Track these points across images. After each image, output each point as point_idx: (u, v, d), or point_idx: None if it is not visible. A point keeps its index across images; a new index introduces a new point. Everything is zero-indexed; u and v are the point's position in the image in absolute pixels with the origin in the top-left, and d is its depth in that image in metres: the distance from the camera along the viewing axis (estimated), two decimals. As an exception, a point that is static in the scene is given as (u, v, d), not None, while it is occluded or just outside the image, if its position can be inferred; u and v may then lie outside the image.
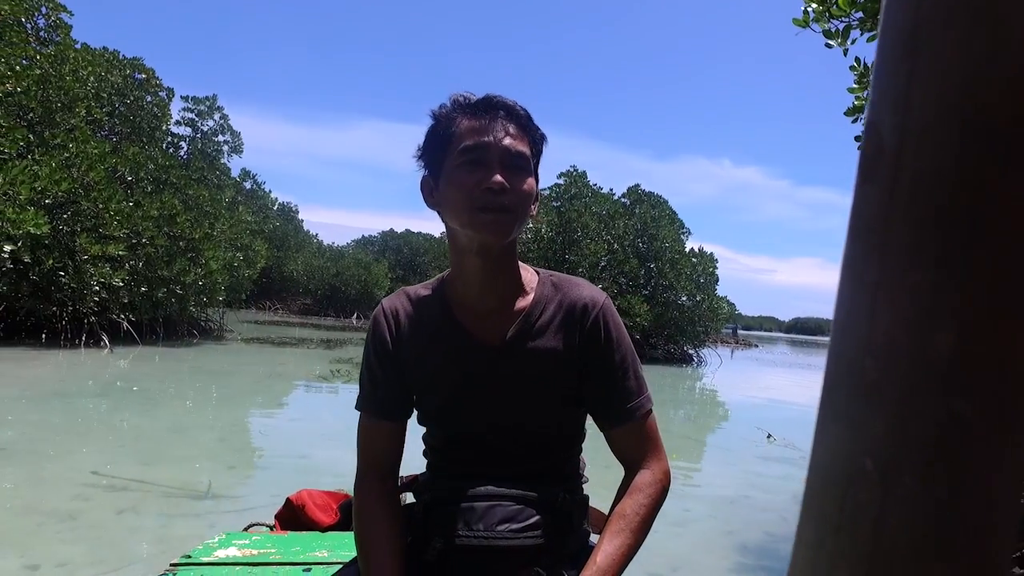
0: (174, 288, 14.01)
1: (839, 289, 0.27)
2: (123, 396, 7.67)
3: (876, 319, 0.25)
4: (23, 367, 9.42)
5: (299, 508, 1.92)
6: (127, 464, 4.63)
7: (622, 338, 1.16)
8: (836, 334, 0.27)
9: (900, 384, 0.24)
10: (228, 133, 19.80)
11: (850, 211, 0.27)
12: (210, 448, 5.38)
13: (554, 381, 1.13)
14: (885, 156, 0.25)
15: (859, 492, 0.25)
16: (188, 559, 1.57)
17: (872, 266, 0.25)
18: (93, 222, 12.49)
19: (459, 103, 1.11)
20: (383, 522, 1.11)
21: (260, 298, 32.44)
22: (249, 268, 17.79)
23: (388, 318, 1.19)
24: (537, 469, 1.16)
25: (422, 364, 1.16)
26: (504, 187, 1.03)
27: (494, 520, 1.05)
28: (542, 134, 1.13)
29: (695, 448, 7.38)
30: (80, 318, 13.05)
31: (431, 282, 1.23)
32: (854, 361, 0.25)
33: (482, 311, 1.15)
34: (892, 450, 0.24)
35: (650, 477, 1.13)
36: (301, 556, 1.63)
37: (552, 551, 1.08)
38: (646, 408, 1.15)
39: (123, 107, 15.56)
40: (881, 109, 0.25)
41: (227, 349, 14.55)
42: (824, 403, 0.27)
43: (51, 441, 5.20)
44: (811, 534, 0.27)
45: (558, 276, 1.21)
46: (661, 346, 21.32)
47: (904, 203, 0.24)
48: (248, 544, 1.69)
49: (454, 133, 1.08)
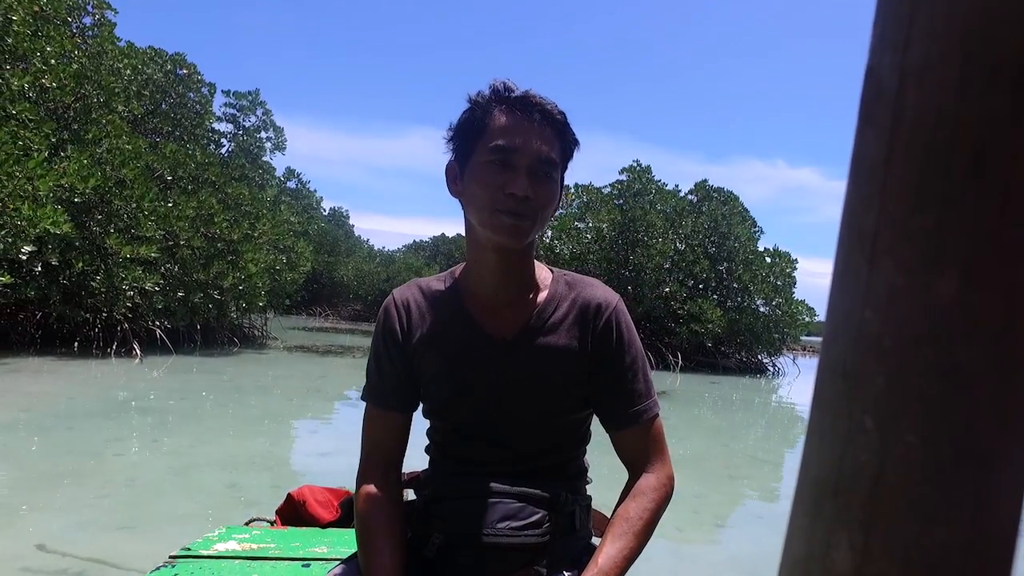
0: (211, 293, 13.07)
1: (838, 240, 0.26)
2: (131, 420, 6.92)
3: (876, 268, 0.24)
4: (37, 380, 9.02)
5: (300, 504, 1.94)
6: (95, 531, 3.67)
7: (633, 340, 1.19)
8: (835, 286, 0.26)
9: (901, 335, 0.24)
10: (271, 129, 18.95)
11: (850, 159, 0.26)
12: (215, 500, 4.49)
13: (563, 379, 1.15)
14: (885, 97, 0.25)
15: (858, 452, 0.25)
16: (187, 552, 1.59)
17: (872, 213, 0.25)
18: (126, 222, 11.52)
19: (498, 93, 1.12)
20: (384, 513, 1.12)
21: (311, 304, 31.99)
22: (292, 271, 16.74)
23: (399, 308, 1.21)
24: (541, 467, 1.18)
25: (430, 356, 1.17)
26: (528, 196, 1.05)
27: (495, 517, 1.06)
28: (575, 139, 1.15)
29: (771, 473, 6.80)
30: (114, 325, 12.11)
31: (444, 274, 1.25)
32: (853, 312, 0.25)
33: (494, 305, 1.17)
34: (892, 406, 0.24)
35: (655, 481, 1.14)
36: (301, 551, 1.64)
37: (553, 550, 1.09)
38: (653, 412, 1.18)
39: (166, 105, 14.77)
40: (881, 52, 0.25)
41: (267, 359, 13.64)
42: (823, 359, 0.27)
43: (11, 489, 4.28)
44: (808, 499, 0.26)
45: (572, 275, 1.23)
46: (734, 355, 19.51)
47: (905, 144, 0.24)
48: (248, 538, 1.71)
49: (487, 126, 1.09)
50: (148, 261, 12.29)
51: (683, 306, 18.71)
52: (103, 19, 13.58)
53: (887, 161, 0.24)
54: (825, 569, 0.25)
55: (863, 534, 0.24)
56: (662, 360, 18.36)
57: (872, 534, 0.24)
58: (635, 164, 19.98)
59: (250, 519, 1.99)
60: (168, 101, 16.02)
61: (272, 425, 7.29)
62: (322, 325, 26.71)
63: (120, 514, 3.94)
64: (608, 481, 1.41)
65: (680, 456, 7.60)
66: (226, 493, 4.62)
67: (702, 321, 18.07)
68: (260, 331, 17.74)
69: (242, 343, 16.15)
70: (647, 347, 19.19)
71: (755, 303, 19.95)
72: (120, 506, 4.09)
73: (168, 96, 15.93)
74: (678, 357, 18.23)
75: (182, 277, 13.10)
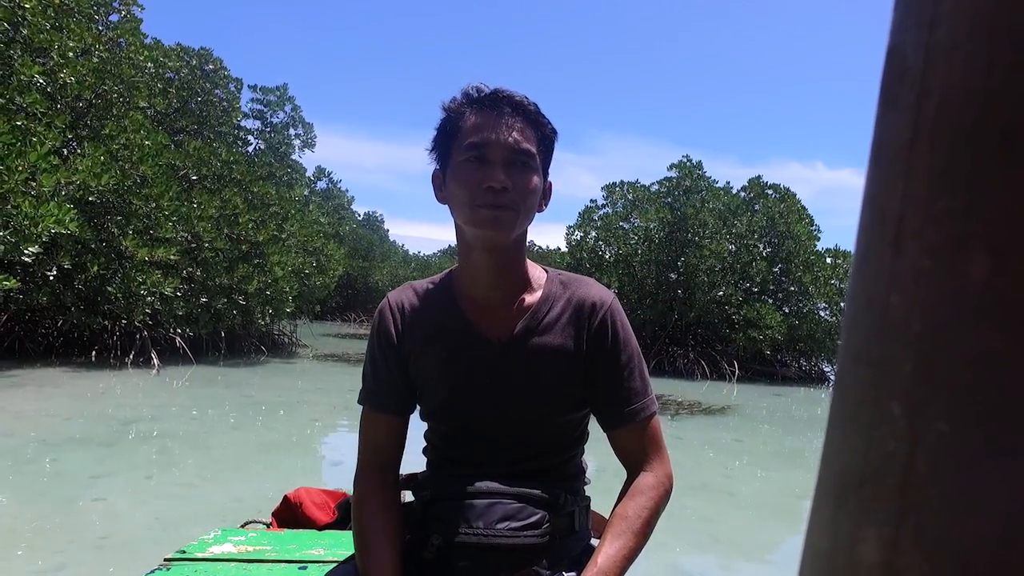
0: (236, 298, 12.15)
1: (859, 225, 0.26)
2: (127, 447, 6.14)
3: (901, 252, 0.24)
4: (38, 396, 8.41)
5: (296, 506, 1.94)
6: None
7: (629, 339, 1.21)
8: (858, 271, 0.26)
9: (929, 320, 0.23)
10: (300, 126, 18.03)
11: (871, 143, 0.26)
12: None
13: (558, 379, 1.18)
14: (909, 77, 0.24)
15: (885, 440, 0.24)
16: (183, 554, 1.61)
17: (895, 196, 0.24)
18: (144, 223, 10.69)
19: (469, 96, 1.15)
20: (382, 515, 1.14)
21: (345, 310, 31.47)
22: (323, 275, 15.80)
23: (393, 311, 1.24)
24: (538, 468, 1.20)
25: (426, 358, 1.20)
26: (505, 186, 1.08)
27: (494, 518, 1.07)
28: (552, 129, 1.17)
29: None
30: (133, 332, 11.30)
31: (438, 277, 1.28)
32: (877, 297, 0.25)
33: (489, 307, 1.20)
34: (921, 392, 0.23)
35: (653, 480, 1.16)
36: (297, 554, 1.66)
37: (552, 551, 1.11)
38: (650, 410, 1.20)
39: (194, 104, 14.03)
40: (904, 31, 0.25)
41: (295, 369, 12.80)
42: (845, 345, 0.26)
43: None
44: (832, 490, 0.26)
45: (567, 275, 1.26)
46: (792, 363, 18.09)
47: (931, 125, 0.24)
48: (244, 541, 1.73)
49: (460, 128, 1.13)
50: (168, 264, 11.45)
51: (739, 311, 17.36)
52: (129, 15, 13.31)
53: (911, 143, 0.24)
54: (852, 562, 0.25)
55: (892, 525, 0.24)
56: (716, 369, 17.16)
57: (901, 525, 0.24)
58: (684, 160, 18.80)
59: (246, 521, 2.01)
60: (196, 100, 15.25)
61: (290, 457, 6.23)
62: (356, 331, 25.90)
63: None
64: (607, 483, 1.48)
65: (761, 492, 6.16)
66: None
67: (760, 327, 16.92)
68: (289, 338, 16.81)
69: (270, 351, 15.36)
70: (699, 356, 17.80)
71: (816, 307, 18.49)
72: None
73: (195, 94, 15.14)
74: (734, 366, 16.89)
75: (205, 281, 12.26)
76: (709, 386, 15.57)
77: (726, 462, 7.32)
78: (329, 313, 30.81)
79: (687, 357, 18.00)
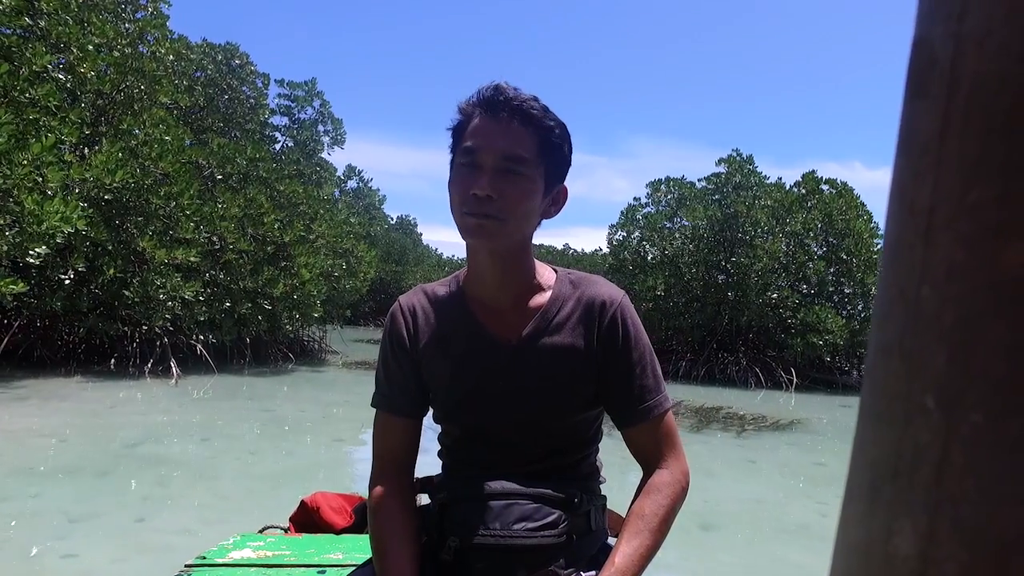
0: (261, 302, 11.36)
1: (888, 217, 0.27)
2: (122, 479, 5.31)
3: (932, 244, 0.24)
4: (40, 410, 7.69)
5: (313, 510, 1.96)
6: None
7: (640, 336, 1.22)
8: (888, 264, 0.26)
9: (963, 311, 0.23)
10: (329, 122, 17.34)
11: (898, 135, 0.27)
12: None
13: (571, 378, 1.20)
14: (938, 67, 0.25)
15: (919, 433, 0.24)
16: (203, 560, 1.64)
17: (926, 188, 0.25)
18: (164, 223, 9.98)
19: (478, 96, 1.16)
20: (399, 518, 1.16)
21: (379, 314, 31.13)
22: (353, 278, 14.99)
23: (405, 314, 1.26)
24: (553, 468, 1.22)
25: (438, 360, 1.23)
26: (489, 196, 1.08)
27: (511, 519, 1.08)
28: (561, 132, 1.16)
29: None
30: (153, 339, 10.61)
31: (448, 279, 1.31)
32: (908, 290, 0.25)
33: (498, 308, 1.22)
34: (956, 385, 0.23)
35: (668, 477, 1.17)
36: (315, 558, 1.68)
37: (569, 550, 1.12)
38: (664, 407, 1.21)
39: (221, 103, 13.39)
40: (931, 21, 0.25)
41: (322, 379, 12.19)
42: (875, 338, 0.27)
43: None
44: (864, 484, 0.26)
45: (576, 274, 1.28)
46: (854, 370, 16.84)
47: (961, 115, 0.24)
48: (263, 546, 1.75)
49: (464, 131, 1.14)
50: (189, 267, 10.75)
51: (795, 314, 16.15)
52: (156, 11, 13.04)
53: (941, 134, 0.24)
54: (887, 554, 0.25)
55: (927, 517, 0.24)
56: (770, 377, 15.96)
57: (937, 517, 0.24)
58: (734, 154, 17.69)
59: (264, 527, 2.00)
60: (223, 98, 14.60)
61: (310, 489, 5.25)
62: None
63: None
64: (622, 482, 1.50)
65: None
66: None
67: (820, 331, 15.67)
68: (319, 344, 16.04)
69: (298, 358, 14.72)
70: (751, 362, 16.48)
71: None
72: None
73: (221, 92, 14.49)
74: (791, 373, 15.70)
75: (228, 285, 11.54)
76: (764, 395, 14.54)
77: (816, 494, 6.30)
78: (362, 318, 30.27)
79: (738, 364, 16.87)
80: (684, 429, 8.91)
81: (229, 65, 15.73)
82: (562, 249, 34.95)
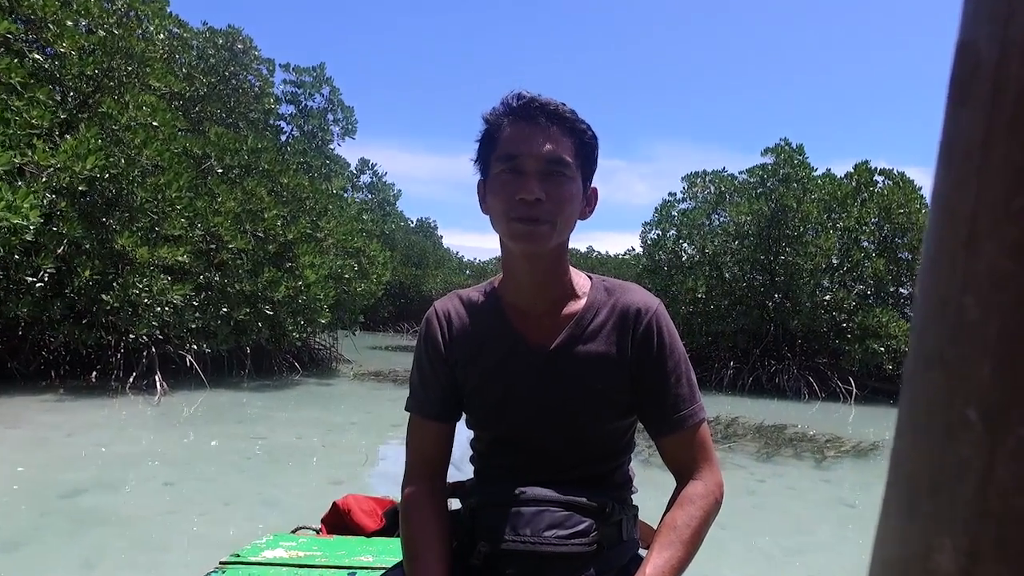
0: (261, 307, 10.01)
1: (929, 225, 0.27)
2: (39, 552, 3.83)
3: (975, 253, 0.24)
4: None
5: (345, 513, 1.98)
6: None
7: (675, 344, 1.23)
8: (927, 273, 0.26)
9: (1009, 322, 0.23)
10: (339, 110, 16.01)
11: (939, 142, 0.26)
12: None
13: (604, 386, 1.20)
14: (983, 72, 0.24)
15: (961, 447, 0.24)
16: (237, 558, 1.67)
17: (968, 196, 0.24)
18: (151, 218, 8.60)
19: (507, 105, 1.18)
20: (431, 522, 1.17)
21: (398, 320, 30.33)
22: (366, 280, 13.62)
23: (440, 320, 1.28)
24: (585, 476, 1.22)
25: (473, 366, 1.24)
26: (539, 199, 1.10)
27: (541, 525, 1.08)
28: (592, 134, 1.19)
29: None
30: (141, 349, 9.29)
31: (483, 285, 1.32)
32: (950, 299, 0.25)
33: (533, 315, 1.23)
34: (1000, 397, 0.23)
35: (702, 488, 1.16)
36: (346, 560, 1.71)
37: (600, 559, 1.12)
38: (699, 417, 1.22)
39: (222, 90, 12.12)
40: (976, 25, 0.25)
41: (331, 393, 11.89)
42: (915, 348, 0.26)
43: None
44: (902, 499, 0.26)
45: (611, 281, 1.28)
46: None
47: (1007, 120, 0.24)
48: (295, 546, 1.79)
49: (498, 139, 1.16)
50: (179, 268, 9.41)
51: (852, 318, 14.57)
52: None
53: (985, 140, 0.24)
54: (927, 571, 0.24)
55: (969, 534, 0.23)
56: (824, 387, 14.41)
57: (980, 534, 0.23)
58: (782, 143, 16.09)
59: (296, 527, 2.03)
60: (226, 86, 13.34)
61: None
62: (408, 344, 23.66)
63: None
64: (654, 494, 1.47)
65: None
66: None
67: (881, 337, 14.11)
68: (329, 352, 14.68)
69: (306, 368, 13.52)
70: (803, 369, 14.85)
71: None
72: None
73: (224, 79, 13.25)
74: (849, 383, 14.15)
75: (223, 288, 10.20)
76: (820, 407, 13.20)
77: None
78: (380, 323, 28.99)
79: (788, 372, 15.32)
80: (749, 457, 7.67)
81: (232, 50, 14.98)
82: (586, 252, 33.71)
